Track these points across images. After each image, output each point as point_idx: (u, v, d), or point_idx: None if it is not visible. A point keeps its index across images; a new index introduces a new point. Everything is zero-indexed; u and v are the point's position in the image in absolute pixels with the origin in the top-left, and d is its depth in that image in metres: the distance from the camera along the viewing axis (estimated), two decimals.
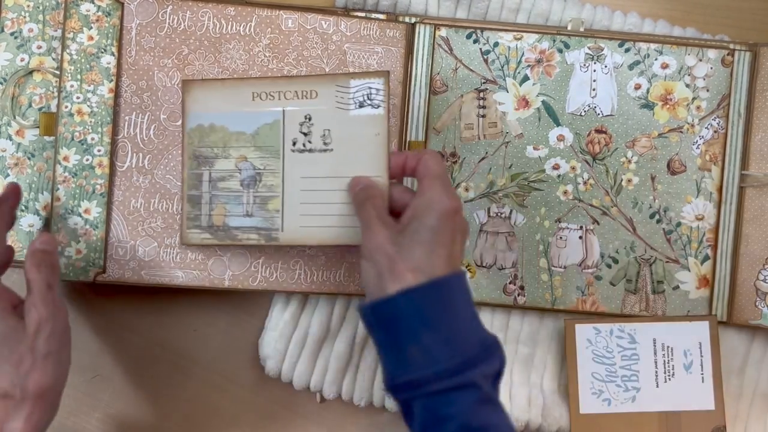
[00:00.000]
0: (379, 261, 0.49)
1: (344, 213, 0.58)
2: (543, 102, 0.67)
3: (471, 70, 0.67)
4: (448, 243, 0.50)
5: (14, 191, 0.58)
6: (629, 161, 0.67)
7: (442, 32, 0.67)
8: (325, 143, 0.58)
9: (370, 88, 0.58)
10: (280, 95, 0.59)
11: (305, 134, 0.58)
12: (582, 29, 0.67)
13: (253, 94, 0.59)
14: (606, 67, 0.67)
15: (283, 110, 0.58)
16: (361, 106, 0.58)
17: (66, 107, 0.61)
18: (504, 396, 0.66)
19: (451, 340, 0.48)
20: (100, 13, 0.62)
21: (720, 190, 0.67)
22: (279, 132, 0.59)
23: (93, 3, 0.62)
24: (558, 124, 0.67)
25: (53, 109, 0.64)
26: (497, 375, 0.50)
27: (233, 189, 0.60)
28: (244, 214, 0.60)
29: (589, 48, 0.67)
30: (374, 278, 0.50)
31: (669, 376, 0.66)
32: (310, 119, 0.58)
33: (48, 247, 0.54)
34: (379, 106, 0.58)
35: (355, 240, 0.57)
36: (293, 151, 0.58)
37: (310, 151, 0.58)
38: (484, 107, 0.67)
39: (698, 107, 0.67)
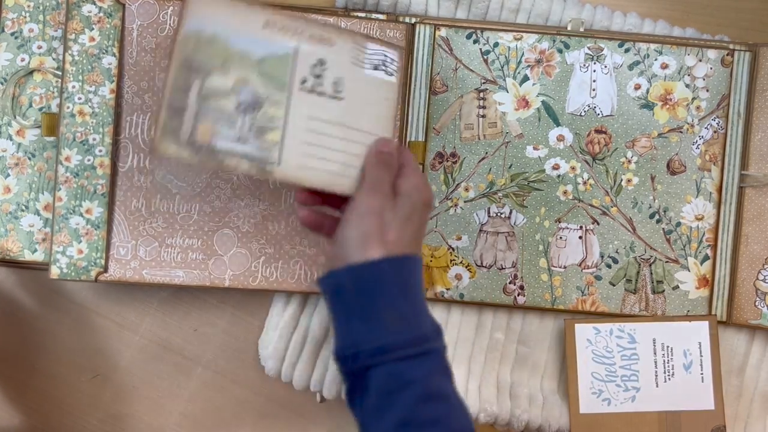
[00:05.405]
0: (370, 223, 0.51)
1: (345, 162, 0.57)
2: (543, 102, 0.67)
3: (471, 70, 0.67)
4: (423, 228, 0.55)
5: None
6: (629, 161, 0.67)
7: (442, 32, 0.67)
8: (336, 91, 0.57)
9: (385, 56, 0.58)
10: (294, 31, 0.56)
11: (317, 77, 0.56)
12: (582, 29, 0.67)
13: (266, 22, 0.55)
14: (606, 67, 0.67)
15: (298, 47, 0.56)
16: (375, 68, 0.58)
17: (68, 108, 0.61)
18: (504, 396, 0.66)
19: (420, 311, 0.51)
20: (101, 15, 0.62)
21: (720, 190, 0.67)
22: (288, 66, 0.56)
23: (95, 4, 0.62)
24: (558, 124, 0.67)
25: (54, 108, 0.64)
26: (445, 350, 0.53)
27: (226, 110, 0.55)
28: (236, 139, 0.55)
29: (588, 48, 0.67)
30: (358, 239, 0.51)
31: (669, 375, 0.66)
32: (323, 64, 0.56)
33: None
34: (392, 75, 0.58)
35: (347, 190, 0.56)
36: (301, 90, 0.56)
37: (320, 94, 0.56)
38: (484, 107, 0.67)
39: (698, 107, 0.67)
